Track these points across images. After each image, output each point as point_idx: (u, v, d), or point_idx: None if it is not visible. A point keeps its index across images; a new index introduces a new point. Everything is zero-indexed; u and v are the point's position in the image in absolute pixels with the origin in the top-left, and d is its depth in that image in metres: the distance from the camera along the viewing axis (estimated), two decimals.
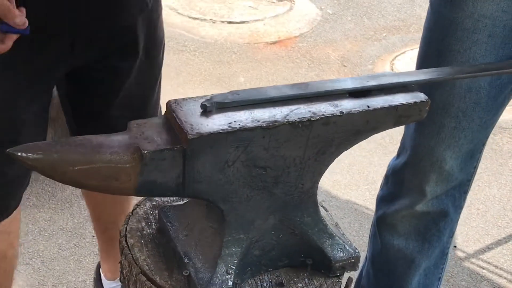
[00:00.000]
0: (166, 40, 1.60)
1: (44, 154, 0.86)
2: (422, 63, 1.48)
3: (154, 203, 1.17)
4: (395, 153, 1.65)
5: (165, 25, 1.55)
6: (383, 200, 1.67)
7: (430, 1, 1.44)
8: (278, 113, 0.98)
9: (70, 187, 2.37)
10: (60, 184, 2.38)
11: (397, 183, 1.60)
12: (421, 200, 1.56)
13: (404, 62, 3.45)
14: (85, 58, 1.38)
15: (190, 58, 3.39)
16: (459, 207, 1.63)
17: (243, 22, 3.66)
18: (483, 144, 1.54)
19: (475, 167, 1.57)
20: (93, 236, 2.21)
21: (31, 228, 2.23)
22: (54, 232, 2.23)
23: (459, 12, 1.34)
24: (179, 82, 3.16)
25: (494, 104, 1.44)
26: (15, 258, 1.57)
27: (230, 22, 3.00)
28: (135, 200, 1.97)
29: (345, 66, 3.40)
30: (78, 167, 0.87)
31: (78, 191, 2.37)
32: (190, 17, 3.83)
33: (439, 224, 1.61)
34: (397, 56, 3.53)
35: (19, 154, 0.85)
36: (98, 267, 1.94)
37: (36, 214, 2.28)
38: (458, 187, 1.57)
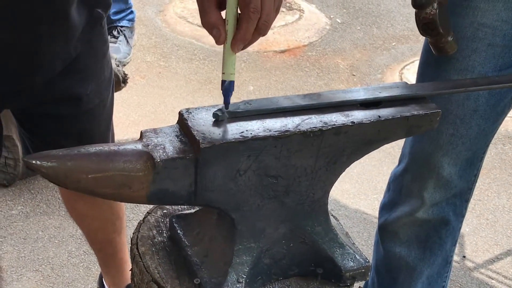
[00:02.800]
0: (175, 48, 1.61)
1: (58, 162, 0.86)
2: (423, 71, 1.49)
3: (165, 211, 1.18)
4: None
5: (175, 34, 1.56)
6: (385, 207, 1.68)
7: None
8: (289, 122, 0.98)
9: None
10: None
11: (398, 190, 1.61)
12: (420, 207, 1.56)
13: (413, 72, 3.46)
14: (16, 104, 1.37)
15: (200, 67, 3.41)
16: (460, 215, 1.63)
17: None
18: (484, 152, 1.54)
19: (476, 175, 1.57)
20: None
21: (41, 235, 2.24)
22: (64, 239, 2.24)
23: (459, 20, 1.35)
24: (189, 91, 3.18)
25: (493, 112, 1.44)
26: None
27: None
28: (132, 215, 1.97)
29: (354, 75, 3.41)
30: (92, 175, 0.88)
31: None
32: (199, 26, 3.85)
33: (440, 232, 1.61)
34: (406, 65, 3.54)
35: (33, 162, 0.86)
36: (101, 277, 1.94)
37: (46, 221, 2.30)
38: (458, 195, 1.57)
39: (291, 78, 3.38)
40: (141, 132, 0.98)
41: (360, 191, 2.62)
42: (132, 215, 2.33)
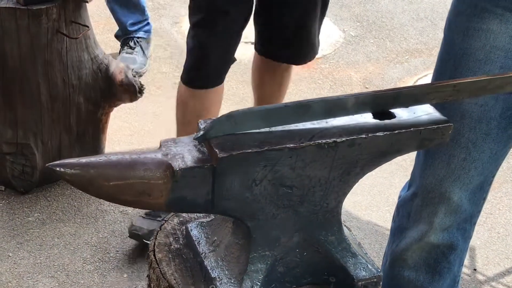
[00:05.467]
0: None
1: (81, 169, 0.90)
2: None
3: (181, 219, 1.20)
4: None
5: None
6: (394, 232, 1.67)
7: (444, 32, 1.45)
8: (305, 134, 1.01)
9: (95, 202, 2.41)
10: (85, 199, 2.42)
11: (406, 215, 1.60)
12: (429, 232, 1.53)
13: None
14: None
15: None
16: (468, 237, 1.60)
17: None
18: (493, 176, 1.51)
19: (484, 198, 1.55)
20: (117, 251, 2.24)
21: (56, 242, 2.27)
22: (79, 246, 2.27)
23: (471, 43, 1.35)
24: None
25: (504, 135, 1.43)
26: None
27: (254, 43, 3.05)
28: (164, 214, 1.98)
29: (367, 88, 3.43)
30: (113, 183, 0.91)
31: (103, 206, 2.41)
32: None
33: (449, 257, 1.59)
34: (419, 78, 3.55)
35: (58, 169, 0.89)
36: None
37: (61, 228, 2.33)
38: (469, 219, 1.54)
39: (304, 90, 3.40)
40: (160, 142, 1.01)
41: (372, 203, 2.63)
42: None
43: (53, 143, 2.32)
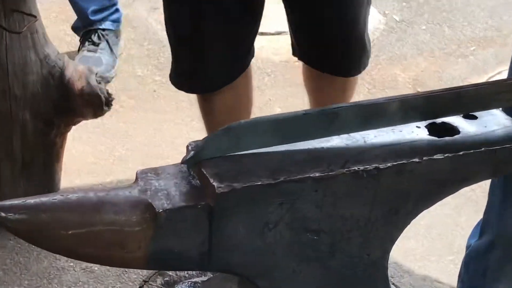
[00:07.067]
0: None
1: (29, 214, 0.90)
2: None
3: (167, 278, 1.20)
4: None
5: None
6: None
7: None
8: (334, 158, 1.01)
9: (49, 257, 2.40)
10: (35, 252, 2.42)
11: (481, 272, 1.59)
12: None
13: None
14: None
15: None
16: None
17: (279, 33, 3.70)
18: None
19: None
20: None
21: None
22: None
23: None
24: (194, 114, 3.20)
25: None
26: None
27: (262, 33, 3.03)
28: (119, 284, 2.02)
29: (418, 91, 3.43)
30: (72, 231, 0.91)
31: (60, 262, 2.41)
32: None
33: None
34: (490, 77, 3.55)
35: None
36: None
37: None
38: None
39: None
40: (136, 173, 1.01)
41: (430, 251, 2.61)
42: (119, 284, 2.35)
43: None
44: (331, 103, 2.41)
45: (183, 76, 2.07)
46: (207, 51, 1.98)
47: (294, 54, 2.21)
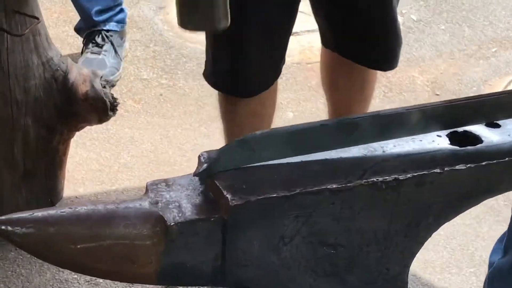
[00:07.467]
0: (183, 60, 1.69)
1: (36, 227, 0.91)
2: None
3: None
4: None
5: (182, 40, 1.61)
6: None
7: None
8: (351, 168, 1.01)
9: (51, 269, 2.41)
10: (37, 264, 2.43)
11: None
12: None
13: None
14: None
15: None
16: None
17: (291, 35, 3.72)
18: None
19: None
20: None
21: None
22: None
23: None
24: (202, 119, 3.22)
25: None
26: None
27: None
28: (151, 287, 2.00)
29: (437, 95, 3.43)
30: (81, 245, 0.92)
31: (63, 274, 2.42)
32: None
33: None
34: None
35: (3, 228, 0.90)
36: None
37: None
38: None
39: None
40: (146, 185, 1.02)
41: (450, 263, 2.61)
42: None
43: None
44: (354, 99, 2.44)
45: (222, 76, 2.07)
46: (249, 50, 1.99)
47: (326, 45, 2.27)
